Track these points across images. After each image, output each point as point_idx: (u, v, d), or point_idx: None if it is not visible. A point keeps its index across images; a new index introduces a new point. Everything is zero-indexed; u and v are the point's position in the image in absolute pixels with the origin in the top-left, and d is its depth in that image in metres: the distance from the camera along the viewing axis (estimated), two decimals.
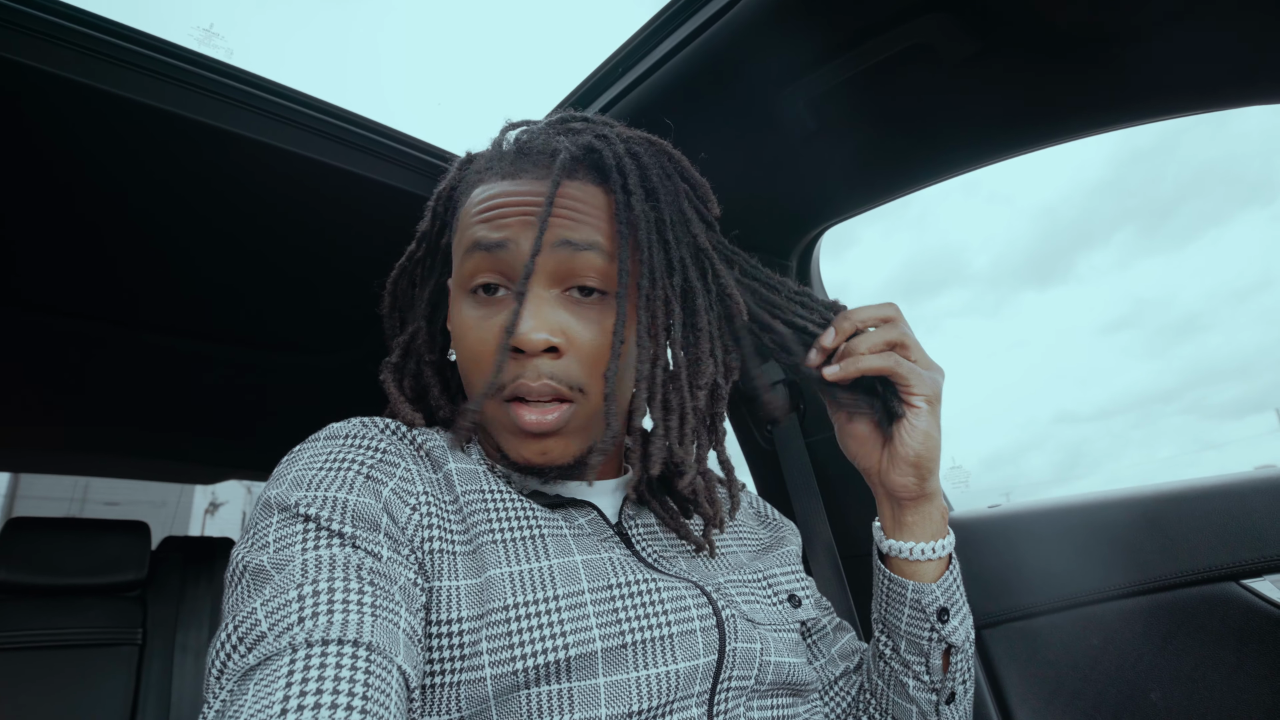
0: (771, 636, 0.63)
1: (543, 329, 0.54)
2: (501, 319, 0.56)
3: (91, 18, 0.75)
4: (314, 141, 0.90)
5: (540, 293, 0.56)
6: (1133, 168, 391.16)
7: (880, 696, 0.71)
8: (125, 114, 0.80)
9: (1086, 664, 0.88)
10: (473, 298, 0.58)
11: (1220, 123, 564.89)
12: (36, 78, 0.73)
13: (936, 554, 0.66)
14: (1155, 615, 0.84)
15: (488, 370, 0.56)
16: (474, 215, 0.58)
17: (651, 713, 0.53)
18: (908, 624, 0.67)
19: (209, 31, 3.09)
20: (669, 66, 0.84)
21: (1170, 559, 0.84)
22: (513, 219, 0.56)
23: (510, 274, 0.57)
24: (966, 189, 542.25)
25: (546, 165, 0.58)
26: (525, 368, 0.55)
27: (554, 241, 0.56)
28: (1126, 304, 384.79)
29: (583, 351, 0.57)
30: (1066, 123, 0.87)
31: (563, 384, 0.56)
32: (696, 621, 0.57)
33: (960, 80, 0.82)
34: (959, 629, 0.66)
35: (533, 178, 0.58)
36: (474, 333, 0.57)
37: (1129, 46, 0.74)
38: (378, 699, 0.41)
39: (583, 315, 0.57)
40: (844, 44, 0.78)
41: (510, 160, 0.59)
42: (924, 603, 0.65)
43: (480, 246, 0.57)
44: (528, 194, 0.57)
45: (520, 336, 0.54)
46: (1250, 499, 0.81)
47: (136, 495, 9.36)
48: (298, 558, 0.47)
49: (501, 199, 0.57)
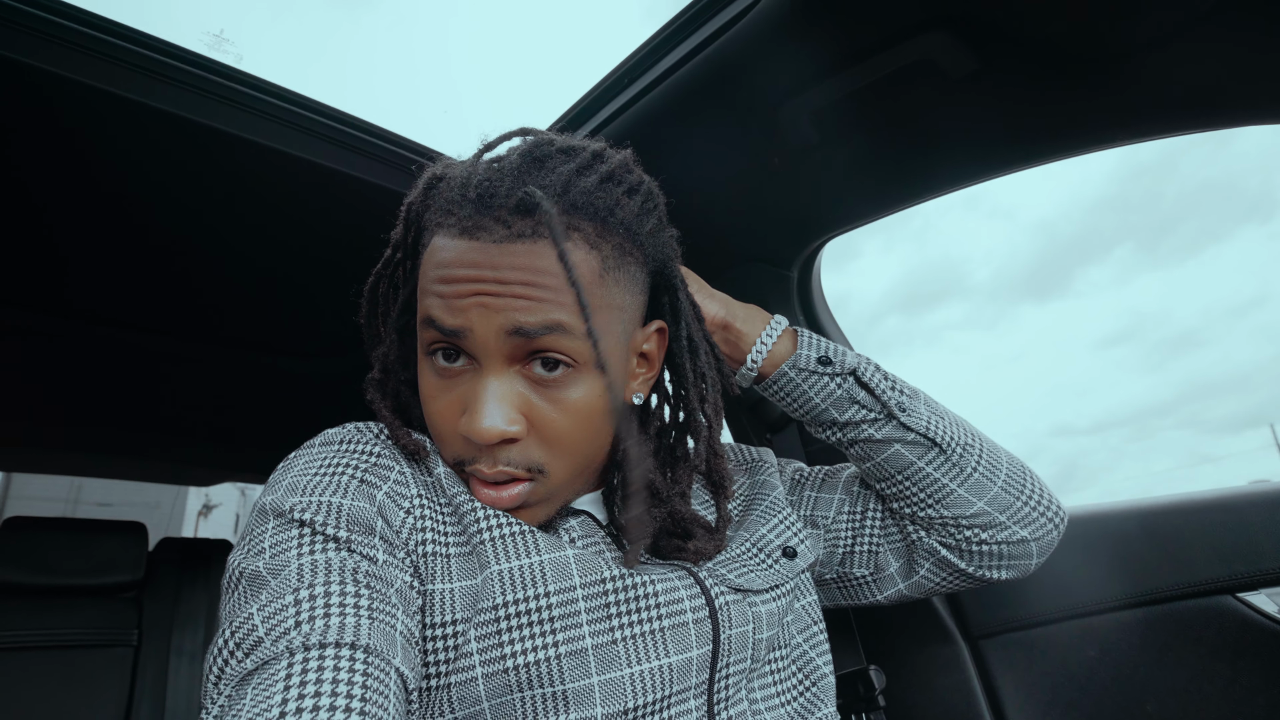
0: (766, 610, 0.62)
1: (498, 421, 0.52)
2: (457, 398, 0.55)
3: (106, 23, 0.76)
4: (320, 147, 0.91)
5: (497, 376, 0.54)
6: (1134, 184, 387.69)
7: (878, 473, 0.72)
8: (131, 117, 0.80)
9: (1083, 675, 0.88)
10: (431, 361, 0.57)
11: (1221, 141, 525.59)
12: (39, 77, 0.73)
13: (774, 334, 0.71)
14: (1151, 627, 0.85)
15: (451, 446, 0.57)
16: (431, 283, 0.54)
17: (649, 708, 0.53)
18: (816, 391, 0.70)
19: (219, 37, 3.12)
20: (674, 78, 0.85)
21: (1167, 571, 0.85)
22: (468, 301, 0.52)
23: (468, 350, 0.54)
24: (968, 203, 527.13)
25: (505, 223, 0.53)
26: (481, 454, 0.55)
27: (509, 329, 0.52)
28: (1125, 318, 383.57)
29: (545, 434, 0.55)
30: (1066, 139, 0.88)
31: (520, 468, 0.55)
32: (689, 613, 0.57)
33: (962, 96, 0.83)
34: (846, 357, 0.71)
35: (490, 239, 0.53)
36: (434, 403, 0.57)
37: (1128, 65, 0.75)
38: (376, 700, 0.41)
39: (546, 394, 0.54)
40: (847, 59, 0.79)
41: (471, 210, 0.54)
42: (801, 365, 0.70)
43: (434, 326, 0.54)
44: (483, 267, 0.52)
45: (474, 430, 0.52)
46: (1247, 513, 0.82)
47: (130, 497, 9.31)
48: (294, 562, 0.47)
49: (457, 271, 0.53)
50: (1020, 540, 0.69)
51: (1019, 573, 0.71)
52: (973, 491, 0.68)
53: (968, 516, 0.68)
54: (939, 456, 0.68)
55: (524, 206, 0.52)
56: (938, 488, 0.68)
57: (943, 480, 0.68)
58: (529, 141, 0.57)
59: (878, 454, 0.70)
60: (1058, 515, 0.71)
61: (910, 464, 0.68)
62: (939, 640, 1.00)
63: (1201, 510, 0.85)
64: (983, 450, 0.70)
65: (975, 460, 0.69)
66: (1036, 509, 0.69)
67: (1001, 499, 0.68)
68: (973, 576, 0.71)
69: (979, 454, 0.69)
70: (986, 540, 0.68)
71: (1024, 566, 0.71)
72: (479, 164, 0.57)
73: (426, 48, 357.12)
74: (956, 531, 0.69)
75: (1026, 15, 0.71)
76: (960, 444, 0.69)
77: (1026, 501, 0.69)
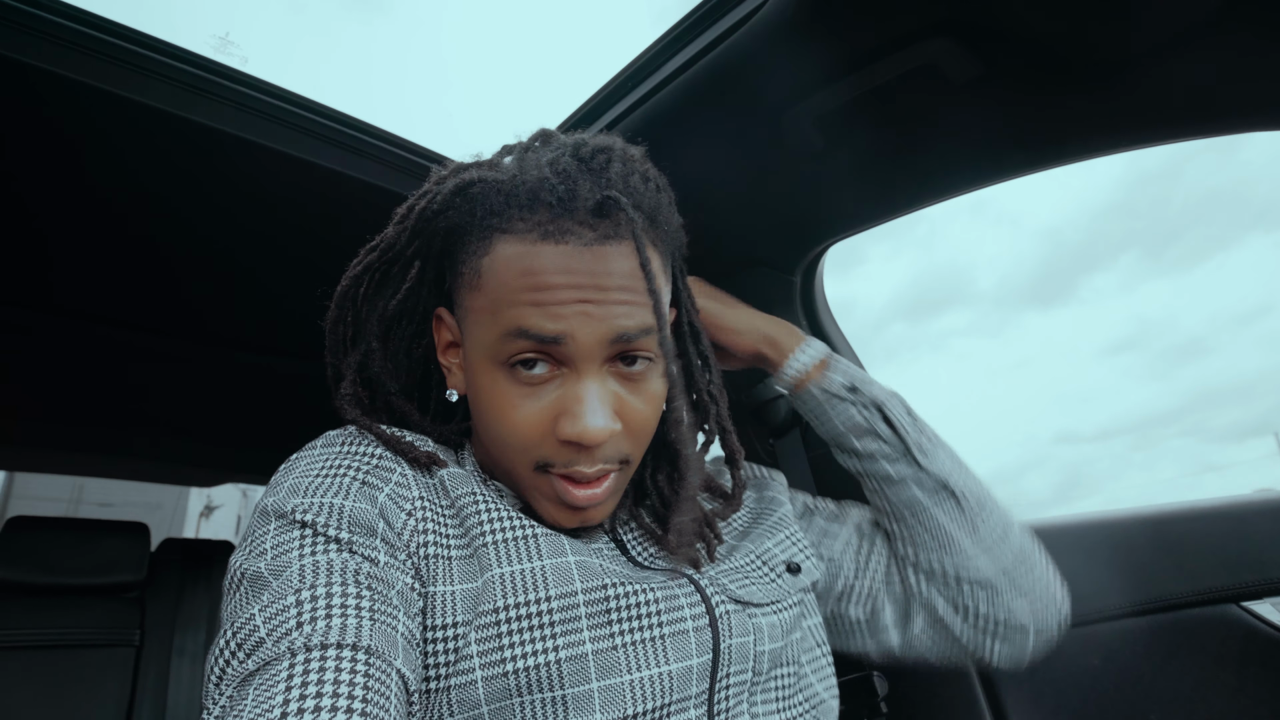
0: (767, 621, 0.62)
1: (606, 422, 0.54)
2: (550, 404, 0.55)
3: (103, 21, 0.76)
4: (323, 149, 0.91)
5: (595, 378, 0.55)
6: (1140, 191, 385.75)
7: (886, 508, 0.72)
8: (133, 118, 0.80)
9: (1087, 683, 0.88)
10: (509, 372, 0.55)
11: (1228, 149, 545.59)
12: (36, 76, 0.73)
13: (809, 356, 0.73)
14: (1156, 636, 0.84)
15: (534, 452, 0.56)
16: (518, 292, 0.53)
17: (649, 715, 0.53)
18: (839, 416, 0.71)
19: (225, 40, 3.12)
20: (677, 83, 0.85)
21: (1171, 579, 0.84)
22: (568, 308, 0.52)
23: (559, 357, 0.54)
24: (974, 210, 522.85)
25: (590, 226, 0.53)
26: (581, 456, 0.55)
27: (613, 337, 0.54)
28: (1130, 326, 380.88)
29: (632, 426, 0.57)
30: (1070, 144, 0.88)
31: (613, 462, 0.57)
32: (689, 621, 0.57)
33: (965, 102, 0.83)
34: (874, 389, 0.72)
35: (578, 244, 0.53)
36: (517, 413, 0.55)
37: (1132, 71, 0.75)
38: (377, 702, 0.41)
39: (632, 389, 0.57)
40: (851, 64, 0.79)
41: (549, 214, 0.53)
42: (827, 388, 0.71)
43: (529, 335, 0.53)
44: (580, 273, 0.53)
45: (585, 434, 0.53)
46: (1252, 522, 0.81)
47: (131, 497, 9.32)
48: (295, 564, 0.47)
49: (554, 278, 0.52)
50: (1020, 626, 0.67)
51: (1012, 660, 0.69)
52: (981, 549, 0.67)
53: (970, 575, 0.67)
54: (954, 505, 0.68)
55: (604, 209, 0.53)
56: (946, 536, 0.67)
57: (953, 530, 0.67)
58: (569, 142, 0.57)
59: (891, 490, 0.70)
60: (1061, 608, 0.68)
61: (923, 506, 0.68)
62: None
63: (1207, 519, 0.84)
64: (998, 514, 0.69)
65: (989, 519, 0.68)
66: (1039, 587, 0.67)
67: (1008, 566, 0.67)
68: (965, 647, 0.69)
69: (993, 515, 0.68)
70: (984, 606, 0.67)
71: (1018, 654, 0.68)
72: (529, 167, 0.55)
73: (429, 51, 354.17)
74: (957, 588, 0.67)
75: (1030, 20, 0.71)
76: (976, 499, 0.68)
77: (1031, 577, 0.67)
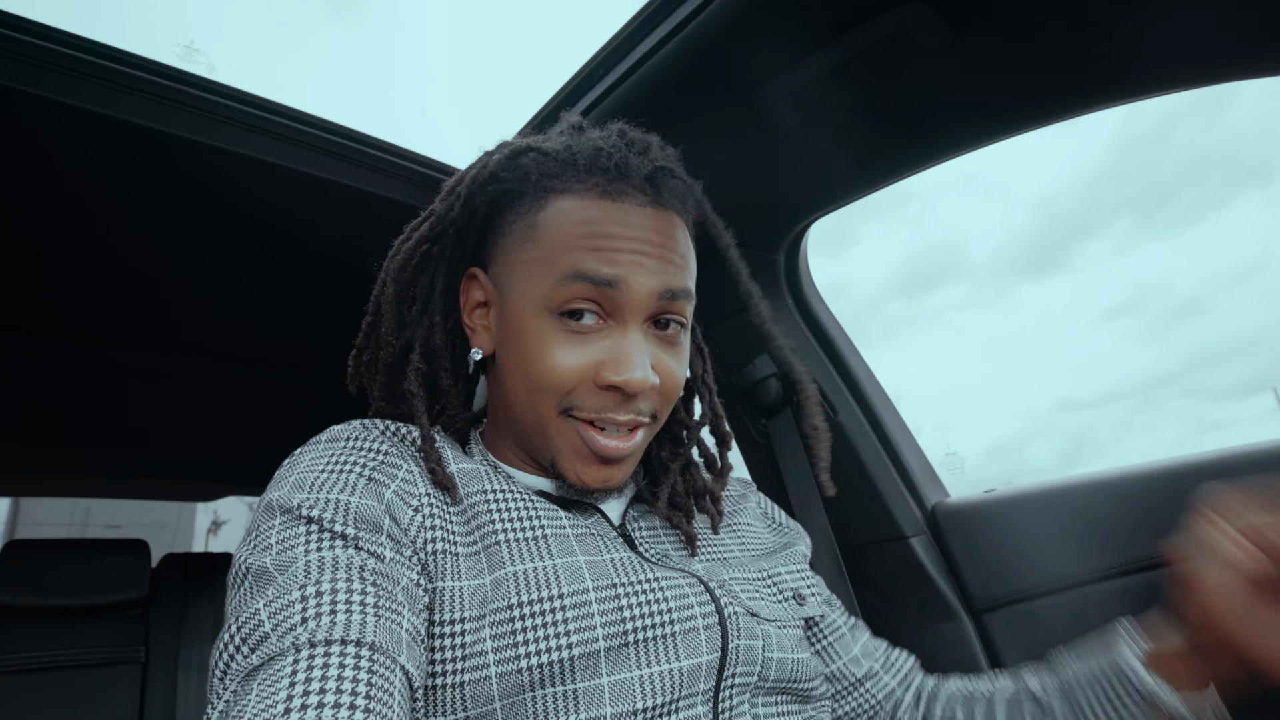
0: (775, 632, 0.63)
1: (649, 372, 0.57)
2: (595, 353, 0.57)
3: (82, 41, 0.75)
4: (303, 155, 0.91)
5: (640, 331, 0.58)
6: (1130, 156, 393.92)
7: None
8: (123, 137, 0.80)
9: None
10: (558, 321, 0.57)
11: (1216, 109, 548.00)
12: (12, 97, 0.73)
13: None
14: (1154, 592, 0.84)
15: (567, 396, 0.58)
16: (577, 239, 0.56)
17: (656, 711, 0.53)
18: None
19: (190, 48, 3.09)
20: (649, 65, 0.84)
21: (1167, 535, 0.84)
22: (624, 256, 0.56)
23: (609, 307, 0.57)
24: (964, 183, 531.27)
25: (642, 190, 0.58)
26: (616, 403, 0.58)
27: (662, 290, 0.57)
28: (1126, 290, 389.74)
29: (666, 385, 0.60)
30: (1049, 106, 0.88)
31: (645, 415, 0.60)
32: (699, 619, 0.58)
33: (939, 69, 0.82)
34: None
35: (633, 204, 0.58)
36: (559, 355, 0.57)
37: (1104, 28, 0.75)
38: (381, 698, 0.41)
39: (666, 349, 0.60)
40: (821, 37, 0.78)
41: (606, 178, 0.58)
42: None
43: (585, 278, 0.56)
44: (633, 226, 0.57)
45: (630, 381, 0.56)
46: (1245, 473, 0.81)
47: (137, 517, 9.32)
48: (300, 559, 0.47)
49: (611, 228, 0.57)
50: None
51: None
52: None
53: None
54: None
55: (655, 179, 0.59)
56: None
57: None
58: (612, 128, 0.62)
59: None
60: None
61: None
62: (942, 616, 1.00)
63: (1200, 472, 0.84)
64: None
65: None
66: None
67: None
68: None
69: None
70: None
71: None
72: (581, 142, 0.60)
73: (410, 54, 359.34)
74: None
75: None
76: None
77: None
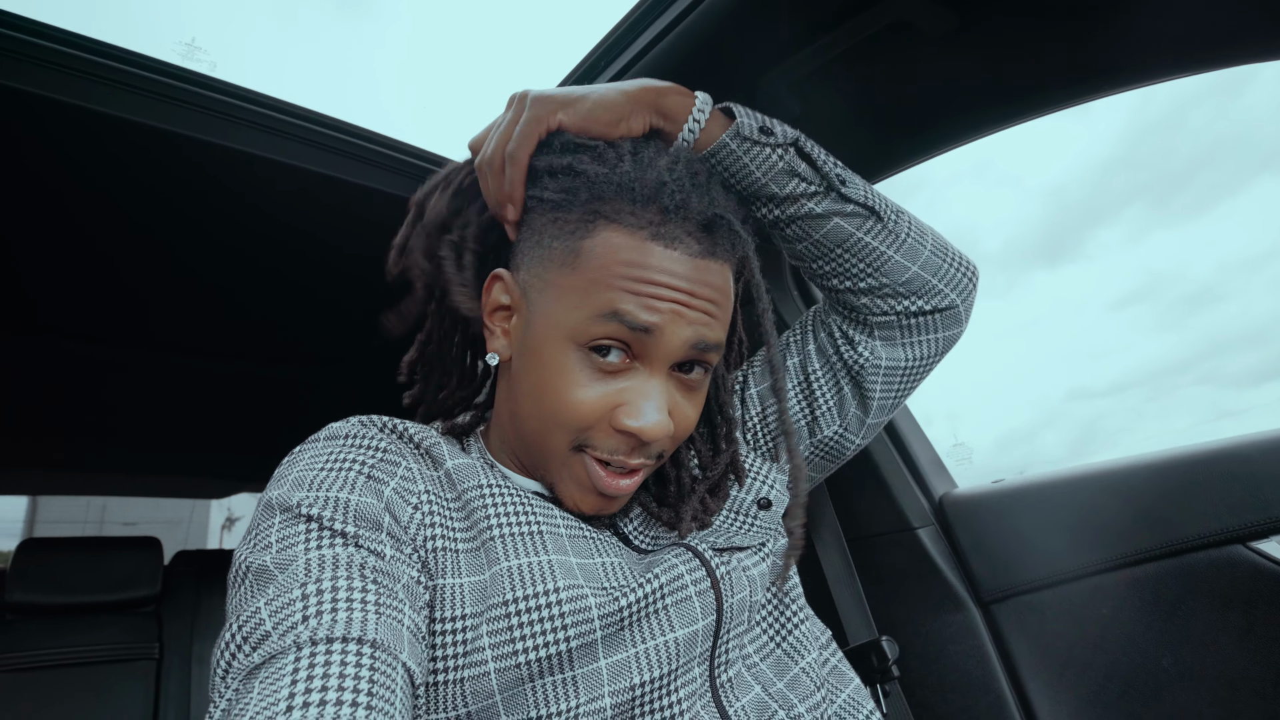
0: (759, 570, 0.64)
1: (665, 421, 0.56)
2: (615, 394, 0.56)
3: (83, 39, 0.76)
4: (304, 151, 0.90)
5: (663, 378, 0.57)
6: (1143, 143, 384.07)
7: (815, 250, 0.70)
8: (119, 135, 0.80)
9: (1096, 634, 0.88)
10: (583, 355, 0.56)
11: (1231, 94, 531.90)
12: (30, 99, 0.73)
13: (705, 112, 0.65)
14: (1163, 582, 0.84)
15: (581, 434, 0.57)
16: (621, 279, 0.54)
17: (656, 683, 0.54)
18: (756, 164, 0.66)
19: (191, 46, 3.07)
20: (649, 58, 0.84)
21: (1176, 524, 0.84)
22: (665, 304, 0.54)
23: (638, 350, 0.56)
24: (975, 173, 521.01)
25: (697, 239, 0.56)
26: (630, 447, 0.57)
27: (696, 341, 0.56)
28: (1139, 278, 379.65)
29: (680, 429, 0.59)
30: (1054, 92, 0.87)
31: (653, 457, 0.59)
32: (692, 587, 0.58)
33: (942, 56, 0.81)
34: (786, 129, 0.67)
35: (685, 252, 0.55)
36: (580, 392, 0.56)
37: (1110, 9, 0.74)
38: (383, 695, 0.41)
39: (685, 395, 0.59)
40: (822, 25, 0.78)
41: (659, 217, 0.55)
42: (744, 134, 0.65)
43: (623, 320, 0.54)
44: (680, 277, 0.55)
45: (646, 429, 0.55)
46: (1254, 460, 0.81)
47: (150, 515, 9.42)
48: (301, 557, 0.47)
49: (656, 275, 0.54)
50: (950, 306, 0.71)
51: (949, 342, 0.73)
52: (907, 256, 0.69)
53: (903, 282, 0.69)
54: (877, 224, 0.68)
55: (712, 226, 0.56)
56: (875, 255, 0.68)
57: (880, 248, 0.68)
58: (678, 151, 0.60)
59: (816, 230, 0.69)
60: (973, 272, 0.73)
61: (849, 235, 0.68)
62: (950, 608, 1.00)
63: (1208, 461, 0.84)
64: (910, 218, 0.71)
65: (907, 227, 0.70)
66: (959, 269, 0.71)
67: (931, 262, 0.70)
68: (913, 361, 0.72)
69: (909, 221, 0.71)
70: (923, 309, 0.70)
71: (955, 332, 0.73)
72: (646, 165, 0.57)
73: (396, 46, 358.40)
74: (896, 303, 0.70)
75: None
76: (893, 211, 0.70)
77: (951, 263, 0.71)
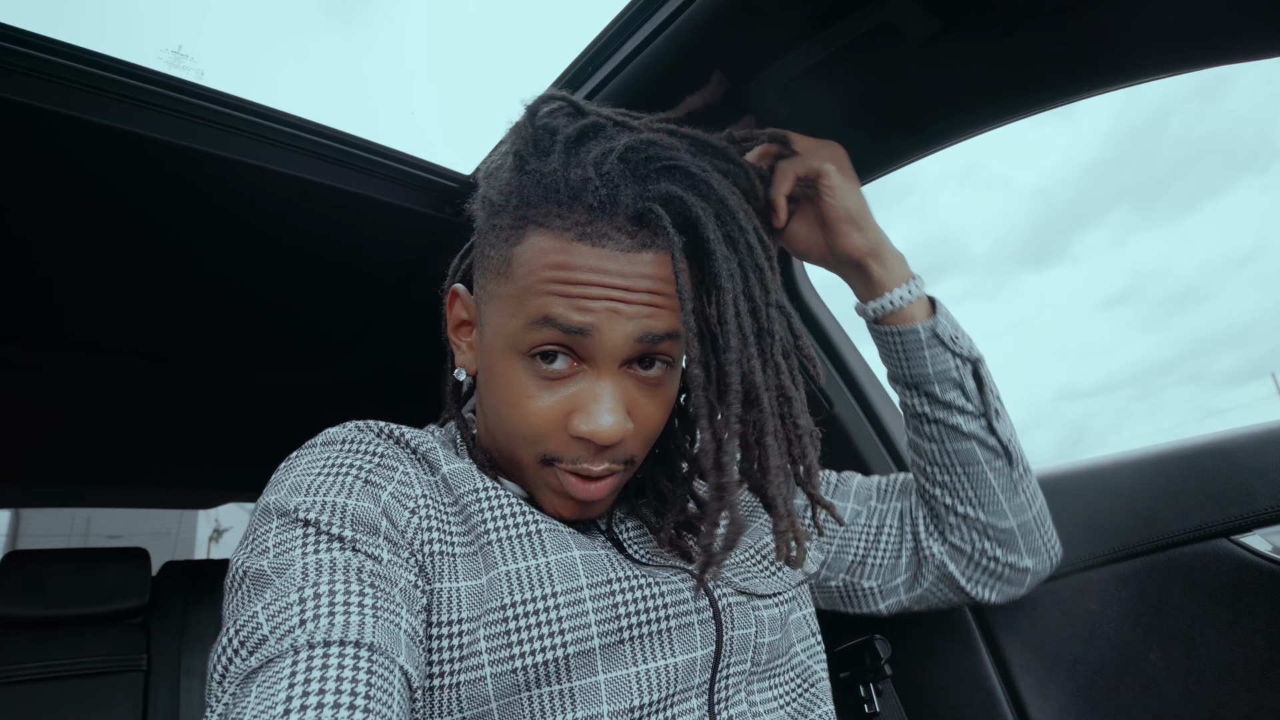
0: (769, 614, 0.63)
1: (620, 422, 0.53)
2: (565, 400, 0.54)
3: (62, 46, 0.75)
4: (292, 158, 0.90)
5: (612, 378, 0.54)
6: (1128, 145, 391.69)
7: (938, 457, 0.73)
8: (102, 142, 0.80)
9: (1086, 630, 0.88)
10: (529, 364, 0.54)
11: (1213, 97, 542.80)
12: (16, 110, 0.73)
13: (916, 292, 0.71)
14: (1150, 577, 0.85)
15: (543, 445, 0.55)
16: (548, 283, 0.52)
17: (653, 707, 0.54)
18: (934, 361, 0.70)
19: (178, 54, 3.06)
20: (636, 62, 0.85)
21: (1161, 520, 0.85)
22: (597, 303, 0.51)
23: (581, 353, 0.53)
24: (963, 176, 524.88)
25: (628, 233, 0.52)
26: (591, 453, 0.55)
27: (640, 335, 0.53)
28: (1125, 279, 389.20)
29: (643, 429, 0.57)
30: (1038, 93, 0.87)
31: (619, 462, 0.57)
32: (694, 614, 0.58)
33: (927, 58, 0.82)
34: (974, 346, 0.72)
35: (614, 248, 0.51)
36: (532, 404, 0.54)
37: (1092, 11, 0.75)
38: (380, 699, 0.41)
39: (646, 392, 0.56)
40: (807, 29, 0.78)
41: (587, 216, 0.51)
42: (939, 333, 0.69)
43: (556, 324, 0.52)
44: (612, 274, 0.51)
45: (598, 433, 0.53)
46: (1237, 455, 0.82)
47: (137, 527, 9.31)
48: (298, 562, 0.47)
49: (583, 275, 0.51)
50: (1024, 569, 0.75)
51: (1007, 597, 0.77)
52: (1014, 510, 0.72)
53: (997, 529, 0.72)
54: (1006, 468, 0.72)
55: (644, 219, 0.52)
56: (989, 492, 0.71)
57: (997, 489, 0.71)
58: (619, 141, 0.53)
59: (952, 441, 0.72)
60: (1057, 554, 0.78)
61: (978, 463, 0.71)
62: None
63: (1193, 456, 0.85)
64: (1034, 480, 0.75)
65: (1028, 485, 0.73)
66: (1047, 546, 0.76)
67: (1028, 526, 0.73)
68: (967, 594, 0.76)
69: (1032, 481, 0.74)
70: (999, 559, 0.73)
71: (1014, 593, 0.77)
72: (574, 163, 0.52)
73: (384, 51, 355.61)
74: (980, 541, 0.73)
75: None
76: (1024, 465, 0.73)
77: (1044, 537, 0.75)
